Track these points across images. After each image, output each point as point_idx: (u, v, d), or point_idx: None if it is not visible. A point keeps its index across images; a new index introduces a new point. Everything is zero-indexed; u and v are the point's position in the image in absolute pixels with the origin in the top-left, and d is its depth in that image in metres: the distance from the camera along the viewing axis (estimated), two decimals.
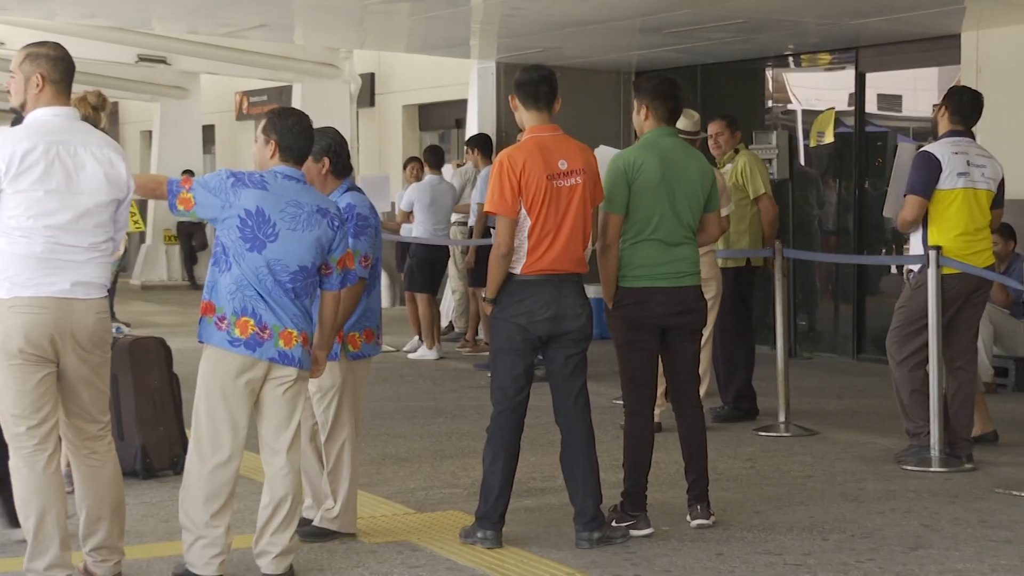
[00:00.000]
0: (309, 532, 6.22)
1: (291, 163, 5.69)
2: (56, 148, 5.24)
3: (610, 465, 6.87)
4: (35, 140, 5.22)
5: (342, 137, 6.37)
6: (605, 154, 6.96)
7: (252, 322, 5.52)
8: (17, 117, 5.56)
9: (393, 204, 15.95)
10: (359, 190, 6.37)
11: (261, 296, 5.53)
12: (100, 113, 7.00)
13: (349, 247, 5.82)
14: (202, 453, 5.59)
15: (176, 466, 7.63)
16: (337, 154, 6.25)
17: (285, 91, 20.90)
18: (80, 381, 5.36)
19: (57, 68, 5.34)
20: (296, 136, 5.69)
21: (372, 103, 20.78)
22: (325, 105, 17.98)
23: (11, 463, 5.31)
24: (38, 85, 5.32)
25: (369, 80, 20.42)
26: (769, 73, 14.42)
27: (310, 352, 5.71)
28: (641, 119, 6.62)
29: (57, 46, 5.43)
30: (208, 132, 25.01)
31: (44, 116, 5.31)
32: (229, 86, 23.72)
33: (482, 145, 13.62)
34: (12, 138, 5.24)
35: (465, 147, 14.41)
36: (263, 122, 5.77)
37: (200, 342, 5.64)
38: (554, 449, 6.53)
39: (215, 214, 5.54)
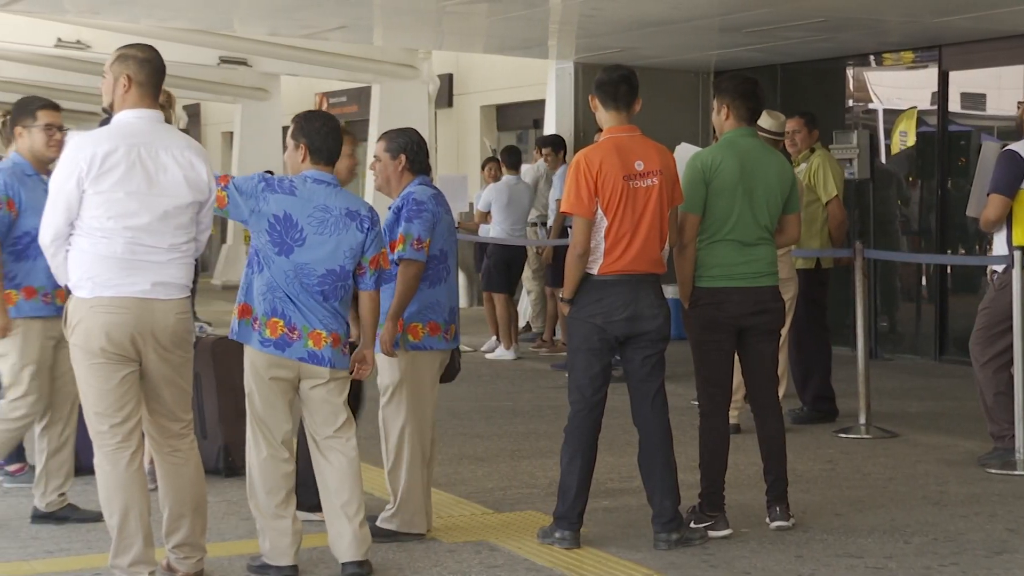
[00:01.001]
0: (371, 531, 6.25)
1: (321, 166, 5.76)
2: (138, 150, 5.31)
3: (688, 466, 6.84)
4: (117, 142, 5.29)
5: (421, 137, 6.42)
6: (685, 152, 6.93)
7: (282, 323, 5.62)
8: (106, 118, 5.64)
9: (471, 204, 15.98)
10: (430, 185, 6.38)
11: (290, 298, 5.62)
12: (169, 111, 7.10)
13: (384, 247, 5.87)
14: (257, 447, 5.73)
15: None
16: (415, 152, 6.31)
17: (364, 92, 21.00)
18: (162, 380, 5.43)
19: (144, 70, 5.41)
20: (325, 138, 5.76)
21: (450, 104, 20.84)
22: (403, 106, 18.06)
23: (95, 460, 5.39)
24: (124, 86, 5.39)
25: (447, 81, 20.48)
26: (850, 72, 14.28)
27: (343, 352, 5.76)
28: (722, 119, 6.58)
29: (148, 49, 5.50)
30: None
31: (128, 118, 5.38)
32: (309, 87, 23.89)
33: (555, 145, 13.62)
34: (94, 140, 5.32)
35: (536, 146, 14.41)
36: (292, 127, 5.83)
37: (231, 340, 5.77)
38: (632, 450, 6.52)
39: (244, 217, 5.65)
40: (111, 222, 5.26)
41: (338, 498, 5.75)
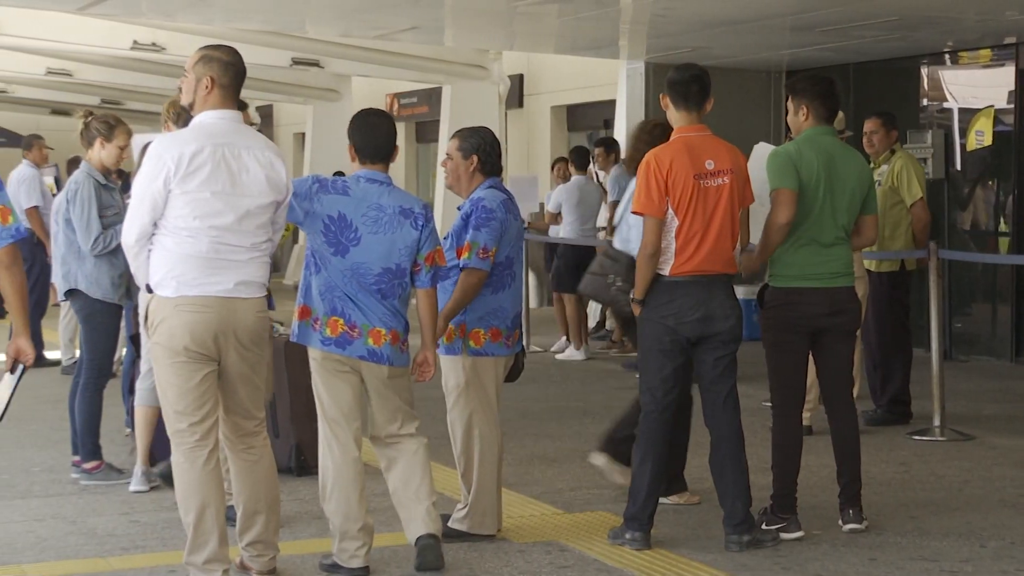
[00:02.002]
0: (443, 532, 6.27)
1: (373, 164, 5.82)
2: (222, 150, 5.36)
3: (760, 468, 6.80)
4: (202, 142, 5.35)
5: (495, 138, 6.42)
6: (763, 151, 6.88)
7: (342, 321, 5.67)
8: (187, 117, 5.70)
9: (541, 205, 15.99)
10: (501, 189, 6.37)
11: (349, 297, 5.67)
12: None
13: (439, 244, 5.89)
14: (329, 447, 5.79)
15: None
16: (487, 153, 6.31)
17: (435, 92, 21.07)
18: (239, 378, 5.48)
19: (227, 72, 5.46)
20: (375, 136, 5.82)
21: (521, 104, 20.86)
22: (474, 106, 18.10)
23: (173, 458, 5.44)
24: (207, 87, 5.44)
25: (518, 81, 20.50)
26: (924, 71, 14.13)
27: (402, 349, 5.79)
28: (800, 120, 6.52)
29: (231, 51, 5.55)
30: None
31: (210, 119, 5.44)
32: (380, 88, 24.00)
33: (607, 146, 13.60)
34: (180, 140, 5.38)
35: (596, 148, 14.39)
36: (349, 127, 5.88)
37: (293, 342, 5.83)
38: (703, 451, 6.49)
39: (299, 219, 5.71)
40: (197, 221, 5.31)
41: (408, 488, 5.81)
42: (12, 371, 5.36)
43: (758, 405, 9.30)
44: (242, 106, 6.36)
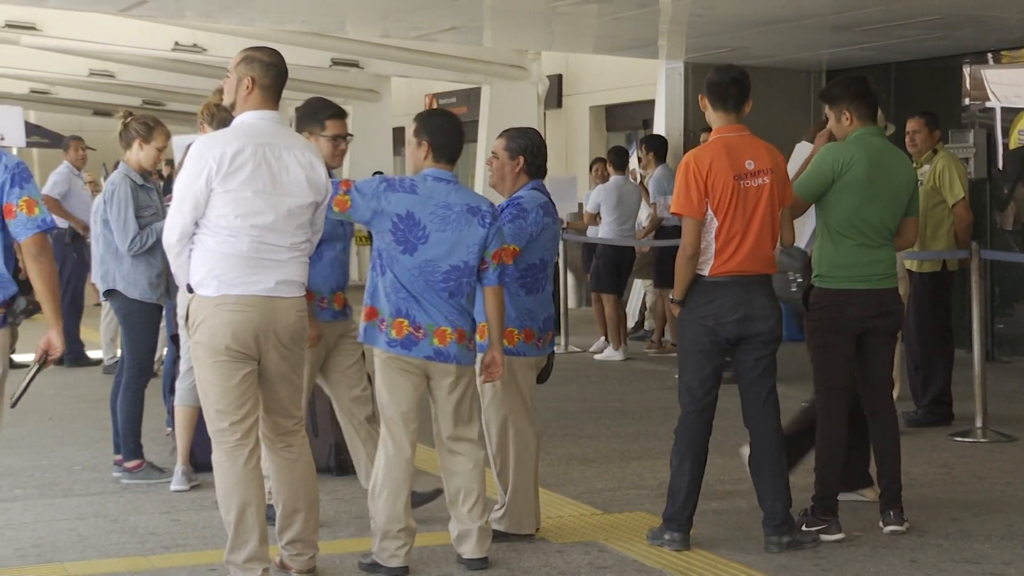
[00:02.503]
0: None
1: (443, 163, 5.83)
2: (263, 150, 5.39)
3: (800, 468, 6.77)
4: (244, 142, 5.38)
5: (542, 141, 6.43)
6: (804, 151, 6.86)
7: (407, 323, 5.69)
8: (221, 118, 5.73)
9: (580, 205, 15.98)
10: (543, 191, 6.38)
11: (414, 297, 5.69)
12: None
13: (506, 243, 5.90)
14: (384, 447, 5.81)
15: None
16: (534, 155, 6.32)
17: (474, 93, 21.10)
18: (279, 377, 5.50)
19: (268, 73, 5.48)
20: (446, 136, 5.85)
21: (559, 104, 20.85)
22: (513, 107, 18.11)
23: (214, 457, 5.46)
24: (248, 88, 5.47)
25: (557, 81, 20.50)
26: (966, 70, 14.04)
27: (468, 347, 5.82)
28: (845, 126, 6.47)
29: (273, 52, 5.58)
30: (399, 134, 25.40)
31: (251, 119, 5.47)
32: (419, 88, 24.05)
33: (656, 147, 13.57)
34: (223, 139, 5.41)
35: (638, 147, 14.38)
36: (414, 125, 5.89)
37: (361, 343, 5.86)
38: None
39: (367, 218, 5.73)
40: (238, 220, 5.34)
41: (464, 503, 5.86)
42: (37, 361, 5.44)
43: (798, 406, 9.28)
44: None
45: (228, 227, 5.33)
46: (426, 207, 5.72)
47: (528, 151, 6.30)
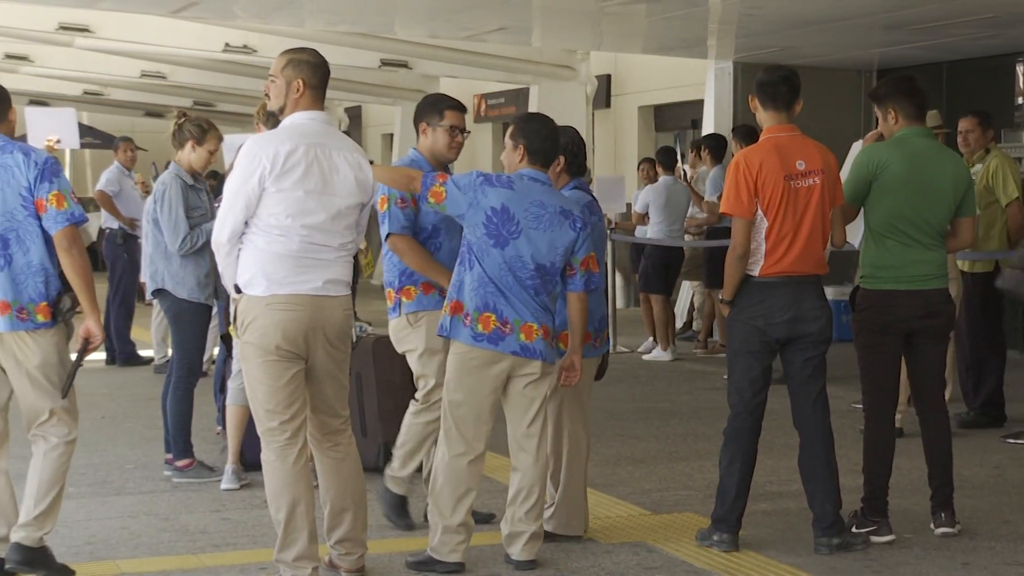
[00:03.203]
0: None
1: (538, 166, 5.87)
2: (314, 150, 5.42)
3: (850, 470, 6.74)
4: (296, 142, 5.41)
5: (581, 138, 6.43)
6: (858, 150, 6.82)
7: (494, 317, 5.70)
8: (275, 120, 5.76)
9: (628, 205, 15.97)
10: (585, 190, 6.37)
11: (502, 292, 5.71)
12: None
13: (593, 250, 5.93)
14: (450, 445, 5.81)
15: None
16: (573, 154, 6.32)
17: (522, 93, 21.10)
18: (326, 376, 5.52)
19: (316, 74, 5.52)
20: (543, 140, 5.88)
21: (608, 104, 20.82)
22: (561, 107, 18.08)
23: (263, 457, 5.49)
24: (298, 90, 5.50)
25: (605, 81, 20.46)
26: (1020, 69, 13.92)
27: (552, 345, 5.84)
28: (891, 125, 6.44)
29: (316, 53, 5.61)
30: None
31: (301, 120, 5.50)
32: (467, 88, 24.07)
33: (713, 146, 13.52)
34: (275, 139, 5.44)
35: (691, 146, 14.33)
36: (511, 128, 5.95)
37: (441, 336, 5.85)
38: (792, 452, 6.44)
39: (462, 210, 5.75)
40: (289, 220, 5.36)
41: (523, 504, 5.87)
42: (79, 351, 5.62)
43: (848, 407, 9.23)
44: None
45: (279, 226, 5.36)
46: (521, 203, 5.76)
47: (568, 150, 6.30)
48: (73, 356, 5.69)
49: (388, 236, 6.25)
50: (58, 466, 5.62)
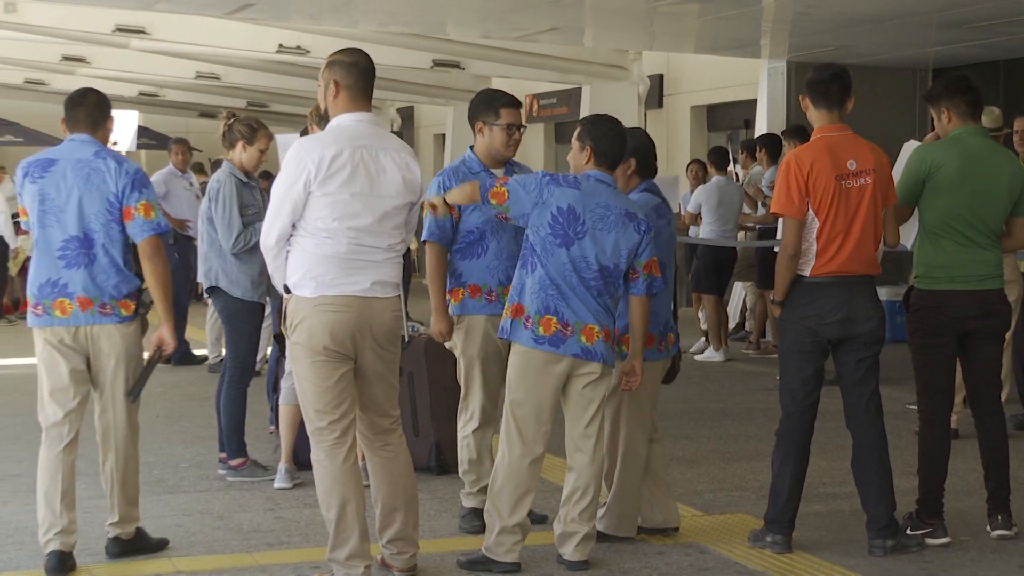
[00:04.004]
0: None
1: (604, 168, 5.88)
2: (360, 152, 5.43)
3: (904, 471, 6.70)
4: (342, 145, 5.42)
5: (650, 140, 6.41)
6: (911, 150, 6.77)
7: (555, 319, 5.71)
8: (325, 123, 5.78)
9: (679, 205, 15.93)
10: (655, 192, 6.35)
11: (564, 294, 5.71)
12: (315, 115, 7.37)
13: (656, 254, 5.92)
14: (511, 446, 5.82)
15: None
16: (644, 155, 6.31)
17: (574, 93, 21.09)
18: (375, 376, 5.54)
19: (351, 74, 5.49)
20: (610, 142, 5.88)
21: (660, 104, 20.78)
22: (613, 107, 18.03)
23: (313, 456, 5.52)
24: (333, 92, 5.51)
25: (657, 81, 20.42)
26: None
27: (612, 348, 5.86)
28: (945, 124, 6.39)
29: (355, 52, 5.60)
30: None
31: (347, 122, 5.51)
32: (519, 88, 24.07)
33: (770, 145, 13.46)
34: (321, 142, 5.45)
35: (742, 147, 14.25)
36: (578, 129, 5.97)
37: (502, 339, 5.88)
38: (845, 454, 6.41)
39: (525, 210, 5.75)
40: (336, 223, 5.39)
41: (578, 504, 5.87)
42: (151, 357, 5.96)
43: (902, 408, 9.16)
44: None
45: (326, 229, 5.38)
46: (588, 204, 5.76)
47: (638, 152, 6.28)
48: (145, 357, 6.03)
49: (423, 240, 6.36)
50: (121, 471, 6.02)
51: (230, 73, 21.81)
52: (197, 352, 12.85)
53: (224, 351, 8.69)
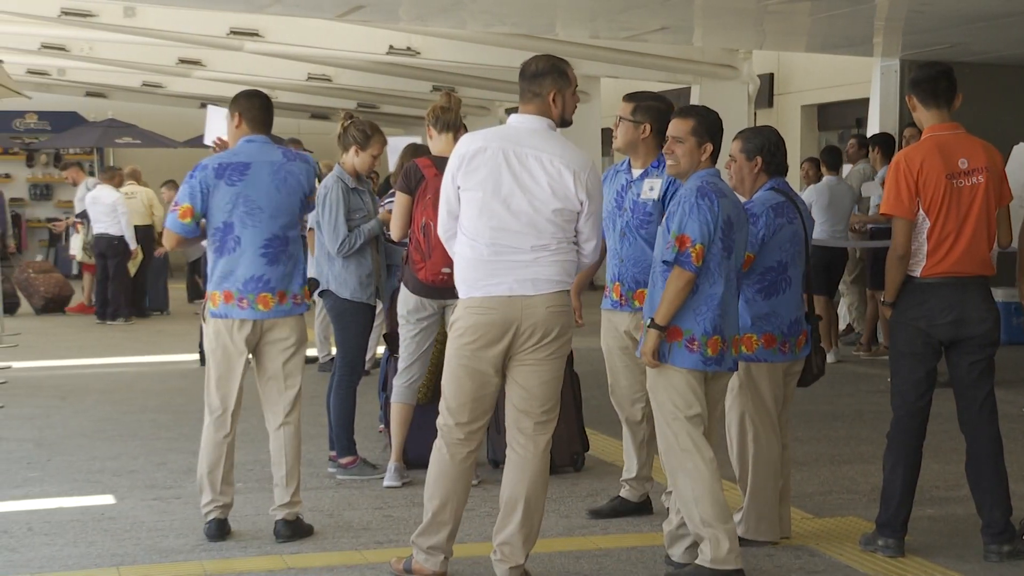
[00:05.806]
0: None
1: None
2: (505, 152, 5.41)
3: (1020, 476, 6.59)
4: (488, 142, 5.44)
5: (779, 138, 6.33)
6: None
7: (719, 339, 5.63)
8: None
9: None
10: (781, 191, 6.25)
11: (724, 309, 5.62)
12: (451, 113, 7.37)
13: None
14: (692, 457, 5.61)
15: (576, 463, 7.81)
16: (771, 153, 6.24)
17: (683, 93, 20.98)
18: (526, 374, 5.51)
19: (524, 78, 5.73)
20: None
21: (770, 104, 20.62)
22: (723, 106, 17.80)
23: (435, 443, 5.59)
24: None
25: (768, 81, 20.27)
26: None
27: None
28: None
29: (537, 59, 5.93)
30: (607, 134, 25.41)
31: (515, 121, 5.57)
32: (628, 88, 23.92)
33: (884, 144, 13.29)
34: (471, 139, 5.51)
35: (849, 146, 14.10)
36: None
37: (661, 363, 5.63)
38: (958, 457, 6.32)
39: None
40: (477, 223, 5.42)
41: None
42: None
43: (1018, 411, 9.01)
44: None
45: (471, 229, 5.43)
46: (735, 209, 5.71)
47: (765, 150, 6.22)
48: None
49: None
50: (297, 443, 6.45)
51: (341, 75, 22.02)
52: (307, 352, 12.98)
53: (334, 350, 8.79)
